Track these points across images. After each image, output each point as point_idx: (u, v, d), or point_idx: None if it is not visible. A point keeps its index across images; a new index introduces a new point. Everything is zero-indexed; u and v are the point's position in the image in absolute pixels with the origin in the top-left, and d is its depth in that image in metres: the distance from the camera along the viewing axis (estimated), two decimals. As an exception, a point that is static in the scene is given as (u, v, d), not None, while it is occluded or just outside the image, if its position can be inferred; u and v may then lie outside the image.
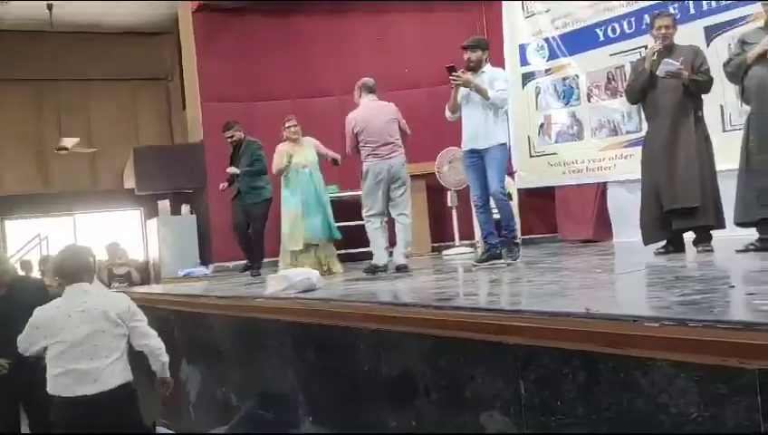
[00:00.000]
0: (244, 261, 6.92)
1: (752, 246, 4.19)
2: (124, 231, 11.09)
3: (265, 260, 6.76)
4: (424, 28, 8.14)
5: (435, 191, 7.83)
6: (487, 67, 5.12)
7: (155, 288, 6.63)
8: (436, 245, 7.80)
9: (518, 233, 7.18)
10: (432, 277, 4.78)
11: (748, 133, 4.27)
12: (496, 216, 5.16)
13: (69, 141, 10.14)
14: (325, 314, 3.52)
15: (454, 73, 4.93)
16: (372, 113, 5.45)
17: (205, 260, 8.67)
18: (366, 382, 3.19)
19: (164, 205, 9.51)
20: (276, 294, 4.17)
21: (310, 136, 6.35)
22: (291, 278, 4.23)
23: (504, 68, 7.78)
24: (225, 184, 6.80)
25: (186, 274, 8.04)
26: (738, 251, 4.20)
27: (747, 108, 4.54)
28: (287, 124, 6.18)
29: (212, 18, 8.33)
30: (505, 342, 2.52)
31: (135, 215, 11.80)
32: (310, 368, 3.62)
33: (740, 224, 4.34)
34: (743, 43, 4.39)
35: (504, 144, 5.10)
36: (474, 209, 5.25)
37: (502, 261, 4.99)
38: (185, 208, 9.33)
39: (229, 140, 6.80)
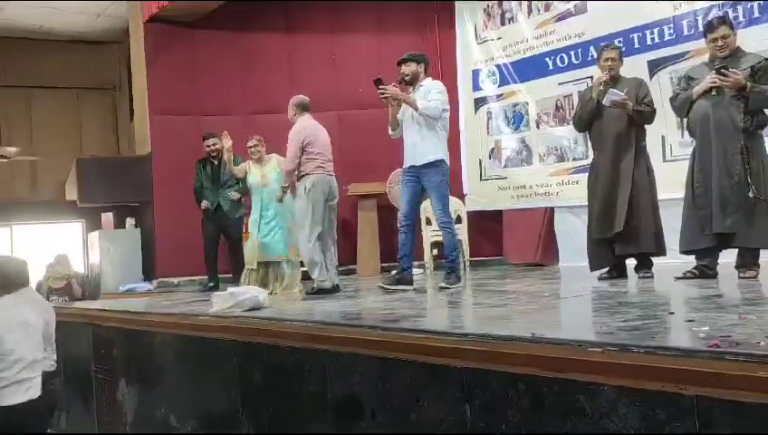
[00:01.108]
0: (206, 278, 6.96)
1: (689, 274, 4.33)
2: (64, 244, 10.72)
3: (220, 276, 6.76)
4: (378, 49, 8.19)
5: (385, 211, 7.85)
6: (426, 81, 5.04)
7: (93, 304, 6.41)
8: (385, 265, 7.80)
9: (463, 258, 7.27)
10: (381, 298, 4.76)
11: (693, 164, 4.41)
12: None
13: (9, 150, 9.81)
14: (271, 333, 3.46)
15: (381, 87, 4.85)
16: (319, 129, 5.38)
17: (148, 276, 8.46)
18: (311, 404, 3.15)
19: (107, 218, 9.26)
20: (221, 313, 4.08)
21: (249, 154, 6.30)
22: (237, 296, 4.15)
23: (457, 91, 7.94)
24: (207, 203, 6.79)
25: (127, 289, 7.82)
26: (677, 278, 4.33)
27: (688, 139, 4.72)
28: (248, 144, 6.10)
29: (164, 30, 8.21)
30: (452, 365, 2.52)
31: (76, 227, 11.45)
32: (254, 388, 3.55)
33: (685, 252, 4.46)
34: (689, 78, 4.53)
35: (442, 161, 4.91)
36: (399, 226, 5.07)
37: (411, 287, 4.91)
38: (129, 222, 9.09)
39: (211, 147, 6.74)
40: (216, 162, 6.82)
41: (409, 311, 3.71)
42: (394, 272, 5.03)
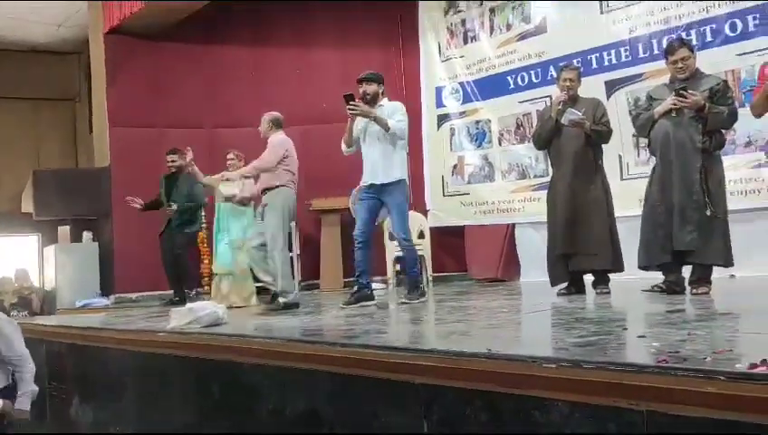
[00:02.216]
0: (170, 292, 6.89)
1: (657, 288, 4.44)
2: (20, 257, 10.45)
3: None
4: (343, 64, 8.23)
5: (348, 226, 7.84)
6: (385, 101, 5.10)
7: (48, 320, 6.27)
8: (348, 280, 7.78)
9: (426, 273, 7.31)
10: (342, 314, 4.75)
11: (652, 182, 4.52)
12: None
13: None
14: (230, 349, 3.43)
15: (351, 102, 4.86)
16: (293, 148, 5.44)
17: (106, 291, 8.29)
18: (271, 420, 3.12)
19: (64, 231, 9.05)
20: (179, 329, 4.03)
21: (226, 167, 6.28)
22: (195, 312, 4.10)
23: (421, 108, 8.02)
24: (138, 206, 6.73)
25: (84, 305, 7.66)
26: (644, 290, 4.45)
27: (644, 158, 4.84)
28: (228, 156, 6.31)
29: (125, 41, 8.12)
30: (411, 381, 2.53)
31: (32, 241, 11.17)
32: (213, 405, 3.51)
33: (644, 268, 4.56)
34: (650, 98, 4.64)
35: (404, 180, 5.02)
36: (354, 242, 5.07)
37: (372, 302, 4.94)
38: (86, 236, 8.91)
39: (171, 163, 6.70)
40: (172, 177, 6.79)
41: (370, 327, 3.72)
42: (354, 290, 5.04)
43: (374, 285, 7.28)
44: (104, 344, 4.49)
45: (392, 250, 7.35)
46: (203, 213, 6.99)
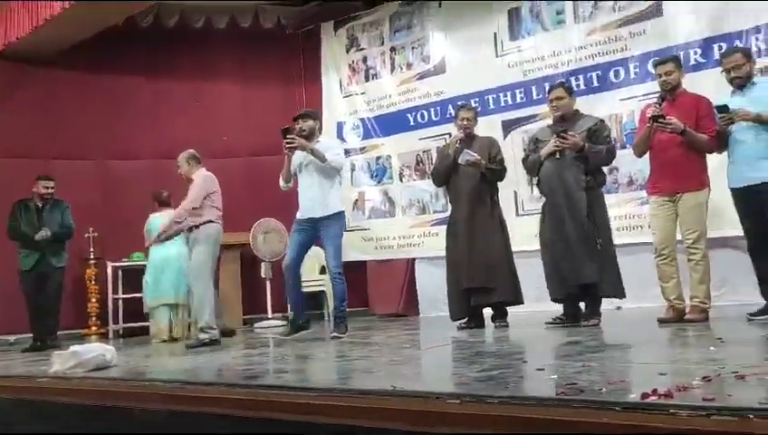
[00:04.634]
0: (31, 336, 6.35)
1: (558, 320, 4.63)
2: None
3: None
4: (244, 98, 8.14)
5: (248, 262, 7.67)
6: (321, 137, 5.20)
7: None
8: (248, 317, 7.58)
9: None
10: (242, 352, 4.60)
11: (544, 219, 4.75)
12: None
13: None
14: (117, 395, 3.22)
15: (289, 136, 4.86)
16: (217, 183, 5.49)
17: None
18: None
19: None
20: (62, 373, 3.75)
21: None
22: (80, 355, 3.83)
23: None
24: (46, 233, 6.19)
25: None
26: (547, 323, 4.61)
27: (537, 194, 5.08)
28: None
29: (12, 68, 7.64)
30: (315, 422, 2.46)
31: None
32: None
33: (555, 300, 4.77)
34: (536, 141, 4.92)
35: (342, 212, 5.12)
36: (285, 274, 5.08)
37: (310, 331, 5.01)
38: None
39: (47, 190, 6.32)
40: (41, 205, 6.33)
41: (271, 366, 3.61)
42: (290, 321, 5.14)
43: (275, 322, 7.21)
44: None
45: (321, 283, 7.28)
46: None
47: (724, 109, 4.13)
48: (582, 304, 4.65)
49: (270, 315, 7.47)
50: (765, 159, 4.07)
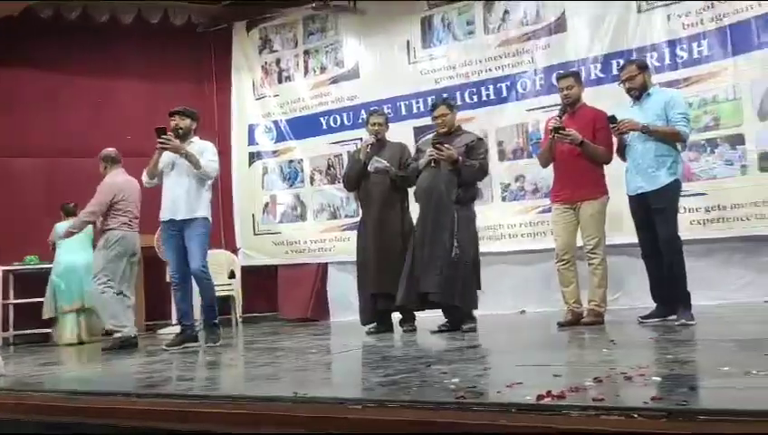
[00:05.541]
0: None
1: (444, 327, 4.72)
2: None
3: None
4: (151, 96, 7.85)
5: (151, 266, 7.40)
6: (196, 138, 5.00)
7: None
8: (150, 323, 7.32)
9: (235, 314, 7.13)
10: (141, 360, 4.43)
11: (417, 226, 4.84)
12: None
13: None
14: (6, 407, 3.02)
15: (164, 136, 4.71)
16: (131, 185, 5.40)
17: None
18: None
19: None
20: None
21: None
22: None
23: (231, 145, 7.88)
24: None
25: None
26: (433, 332, 4.68)
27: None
28: None
29: None
30: (216, 430, 2.39)
31: None
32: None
33: (399, 306, 4.87)
34: (419, 150, 5.06)
35: (207, 219, 4.94)
36: (172, 284, 5.00)
37: (197, 344, 4.86)
38: None
39: None
40: None
41: (171, 374, 3.50)
42: (179, 332, 4.96)
43: (179, 328, 6.98)
44: None
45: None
46: None
47: (612, 120, 4.37)
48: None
49: (174, 321, 7.21)
50: (651, 168, 4.29)
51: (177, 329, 6.97)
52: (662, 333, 3.82)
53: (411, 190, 5.13)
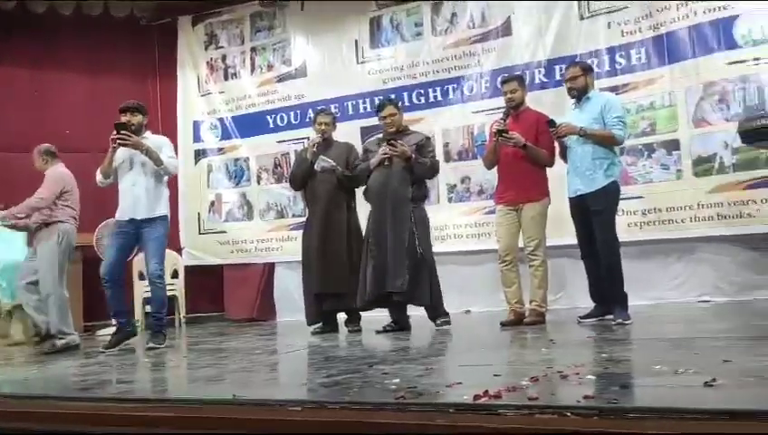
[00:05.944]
0: None
1: (389, 327, 4.74)
2: None
3: None
4: (91, 90, 7.62)
5: (91, 265, 7.19)
6: (148, 133, 4.90)
7: None
8: (89, 323, 7.11)
9: (179, 314, 7.00)
10: (78, 362, 4.31)
11: (368, 229, 4.84)
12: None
13: None
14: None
15: (123, 131, 4.59)
16: (73, 180, 5.23)
17: None
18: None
19: None
20: None
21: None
22: None
23: (176, 141, 7.71)
24: None
25: None
26: (378, 332, 4.69)
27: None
28: None
29: None
30: (154, 433, 2.35)
31: None
32: None
33: (362, 308, 4.89)
34: (366, 151, 5.07)
35: (167, 217, 4.86)
36: (102, 280, 4.78)
37: (131, 342, 4.83)
38: None
39: None
40: None
41: (109, 376, 3.41)
42: (113, 332, 4.86)
43: (105, 330, 6.82)
44: None
45: (141, 290, 6.90)
46: None
47: (551, 123, 4.48)
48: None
49: (114, 322, 7.04)
50: (589, 170, 4.40)
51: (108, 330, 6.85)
52: (599, 332, 3.93)
53: (360, 190, 5.14)
